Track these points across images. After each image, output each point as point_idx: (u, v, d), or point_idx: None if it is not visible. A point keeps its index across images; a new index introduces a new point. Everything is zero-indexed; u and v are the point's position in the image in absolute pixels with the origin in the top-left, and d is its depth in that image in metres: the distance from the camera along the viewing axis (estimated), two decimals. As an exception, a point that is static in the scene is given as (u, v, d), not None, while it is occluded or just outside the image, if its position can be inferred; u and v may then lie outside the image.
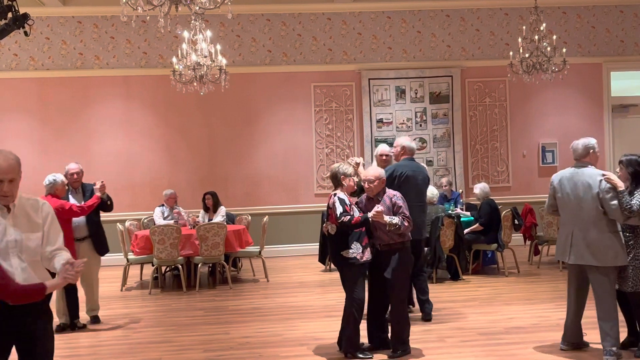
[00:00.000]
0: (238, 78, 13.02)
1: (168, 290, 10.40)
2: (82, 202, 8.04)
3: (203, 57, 10.02)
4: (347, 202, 6.30)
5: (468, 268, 10.68)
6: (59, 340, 5.86)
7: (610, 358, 5.88)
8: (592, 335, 6.40)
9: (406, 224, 6.21)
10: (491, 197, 10.74)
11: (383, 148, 8.06)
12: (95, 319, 8.33)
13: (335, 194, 6.35)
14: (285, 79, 13.61)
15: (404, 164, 7.63)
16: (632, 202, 5.75)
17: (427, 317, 7.69)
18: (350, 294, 6.31)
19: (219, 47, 10.40)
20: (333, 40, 13.70)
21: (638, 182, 5.92)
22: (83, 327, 8.05)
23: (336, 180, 6.43)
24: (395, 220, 6.16)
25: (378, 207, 6.16)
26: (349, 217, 6.16)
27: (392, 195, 6.37)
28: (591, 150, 6.14)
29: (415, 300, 7.95)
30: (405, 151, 7.76)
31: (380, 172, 6.45)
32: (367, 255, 6.27)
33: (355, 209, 6.31)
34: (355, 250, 6.21)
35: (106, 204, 8.25)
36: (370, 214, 6.14)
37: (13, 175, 3.76)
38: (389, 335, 6.53)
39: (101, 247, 8.30)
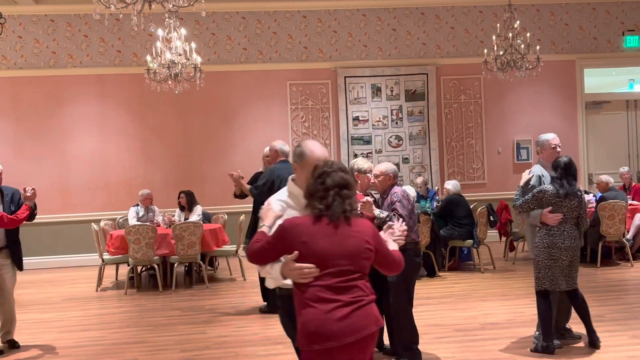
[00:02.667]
0: (213, 76, 12.97)
1: (144, 291, 10.34)
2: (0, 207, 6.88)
3: (178, 55, 9.96)
4: None
5: (444, 265, 10.74)
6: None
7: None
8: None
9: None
10: (460, 194, 10.80)
11: (265, 149, 8.25)
12: (12, 344, 7.14)
13: None
14: (261, 77, 13.58)
15: (281, 167, 7.72)
16: (518, 199, 6.22)
17: None
18: None
19: (193, 45, 10.35)
20: (309, 38, 13.70)
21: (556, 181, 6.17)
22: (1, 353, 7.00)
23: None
24: (384, 214, 5.86)
25: (367, 198, 5.94)
26: None
27: (394, 192, 6.05)
28: (538, 148, 6.65)
29: None
30: (278, 154, 7.97)
31: (387, 167, 6.16)
32: None
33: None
34: None
35: (33, 214, 6.97)
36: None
37: None
38: (389, 341, 6.34)
39: (19, 261, 7.05)
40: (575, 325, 6.52)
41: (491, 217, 10.86)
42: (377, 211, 5.94)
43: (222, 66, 13.42)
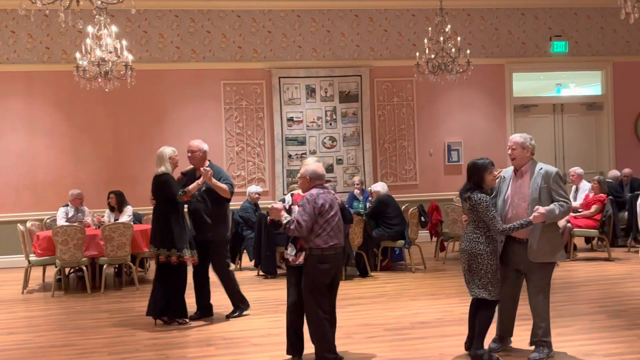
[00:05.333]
0: (145, 75, 12.77)
1: (72, 293, 10.11)
2: None
3: (108, 52, 9.79)
4: (287, 201, 6.30)
5: (377, 265, 10.85)
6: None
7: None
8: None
9: (291, 226, 5.79)
10: (390, 195, 10.93)
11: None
12: None
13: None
14: (195, 76, 13.46)
15: None
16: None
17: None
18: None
19: (124, 42, 10.18)
20: (243, 38, 13.64)
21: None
22: None
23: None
24: (285, 220, 5.86)
25: (276, 204, 6.04)
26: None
27: (304, 195, 5.98)
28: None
29: None
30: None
31: (306, 170, 6.06)
32: (301, 260, 5.99)
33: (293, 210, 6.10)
34: (290, 253, 6.09)
35: None
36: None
37: None
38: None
39: None
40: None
41: (422, 217, 11.04)
42: (285, 216, 5.90)
43: (154, 64, 13.24)
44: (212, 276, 8.10)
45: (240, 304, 8.14)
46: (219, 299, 8.42)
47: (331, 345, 5.98)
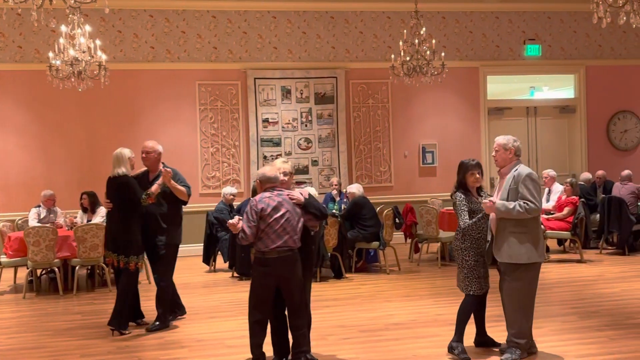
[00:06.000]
0: (119, 75, 12.67)
1: (44, 294, 10.01)
2: None
3: (81, 52, 9.71)
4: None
5: (352, 266, 10.86)
6: None
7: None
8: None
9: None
10: (365, 197, 10.95)
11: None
12: None
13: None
14: (169, 77, 13.38)
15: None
16: None
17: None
18: None
19: (98, 42, 10.10)
20: (218, 38, 13.59)
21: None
22: None
23: None
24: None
25: (231, 220, 6.04)
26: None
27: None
28: None
29: None
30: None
31: (258, 173, 6.13)
32: None
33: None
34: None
35: None
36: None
37: None
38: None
39: None
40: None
41: (397, 219, 11.08)
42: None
43: (128, 64, 13.14)
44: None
45: (165, 317, 7.64)
46: (191, 301, 8.37)
47: (254, 348, 5.88)
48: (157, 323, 7.57)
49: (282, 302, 6.01)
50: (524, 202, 5.84)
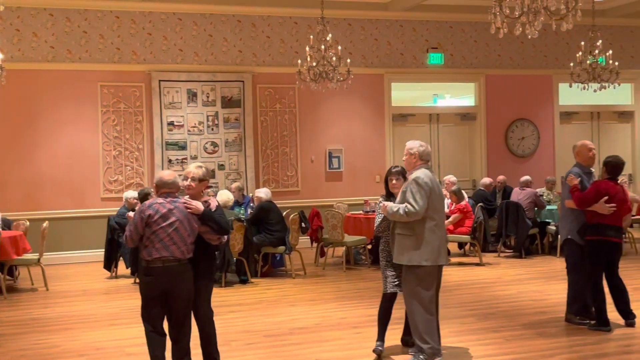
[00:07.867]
0: (17, 74, 12.21)
1: None
2: None
3: (-24, 50, 9.30)
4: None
5: (257, 271, 10.83)
6: None
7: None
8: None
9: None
10: (271, 201, 10.96)
11: None
12: None
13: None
14: (70, 77, 12.98)
15: None
16: None
17: None
18: None
19: (-6, 40, 9.72)
20: (121, 39, 13.29)
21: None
22: None
23: None
24: None
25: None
26: None
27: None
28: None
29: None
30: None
31: (155, 177, 5.90)
32: None
33: None
34: None
35: None
36: None
37: None
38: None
39: None
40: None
41: (303, 223, 11.13)
42: None
43: (27, 64, 12.68)
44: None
45: None
46: (91, 308, 8.14)
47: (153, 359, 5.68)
48: None
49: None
50: (405, 205, 5.98)
